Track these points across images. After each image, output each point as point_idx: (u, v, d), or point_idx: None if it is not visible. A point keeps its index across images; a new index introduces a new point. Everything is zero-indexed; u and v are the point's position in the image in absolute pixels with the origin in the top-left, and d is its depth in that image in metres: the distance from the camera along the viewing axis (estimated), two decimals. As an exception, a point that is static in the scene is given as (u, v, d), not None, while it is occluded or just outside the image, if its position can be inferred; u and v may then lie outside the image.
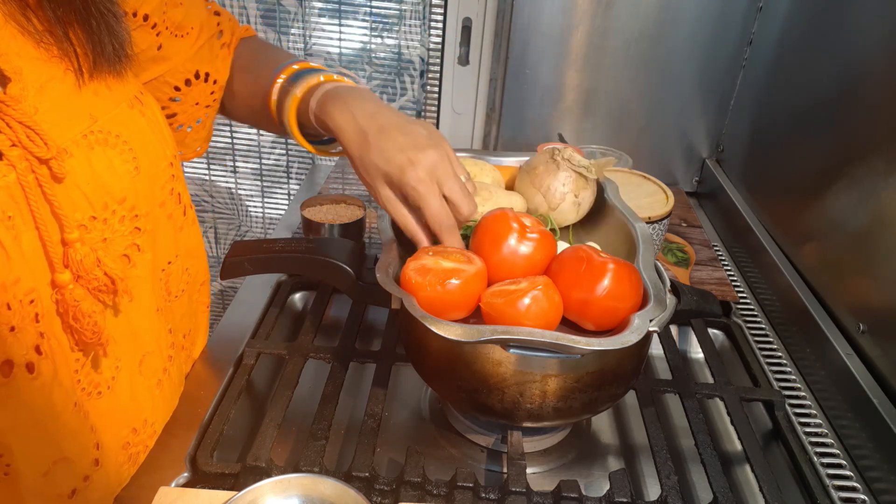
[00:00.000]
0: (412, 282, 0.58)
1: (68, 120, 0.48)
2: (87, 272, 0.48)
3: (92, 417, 0.53)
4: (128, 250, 0.53)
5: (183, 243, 0.63)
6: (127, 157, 0.52)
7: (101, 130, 0.50)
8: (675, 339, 0.87)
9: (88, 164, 0.49)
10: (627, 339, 0.54)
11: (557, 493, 0.60)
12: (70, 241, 0.47)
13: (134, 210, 0.53)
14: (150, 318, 0.58)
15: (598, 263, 0.59)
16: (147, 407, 0.60)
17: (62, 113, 0.47)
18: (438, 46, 1.41)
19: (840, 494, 0.65)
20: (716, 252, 1.06)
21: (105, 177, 0.50)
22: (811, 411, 0.76)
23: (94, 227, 0.49)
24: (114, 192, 0.51)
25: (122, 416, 0.57)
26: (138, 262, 0.55)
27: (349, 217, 0.98)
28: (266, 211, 1.67)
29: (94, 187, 0.49)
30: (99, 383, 0.53)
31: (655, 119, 1.26)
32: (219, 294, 1.80)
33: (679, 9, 1.15)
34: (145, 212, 0.55)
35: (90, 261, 0.48)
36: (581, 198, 0.73)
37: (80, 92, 0.49)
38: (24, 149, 0.43)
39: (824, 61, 0.92)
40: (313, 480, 0.54)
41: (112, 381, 0.54)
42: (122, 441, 0.57)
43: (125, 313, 0.55)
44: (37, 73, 0.46)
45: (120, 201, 0.51)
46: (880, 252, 0.74)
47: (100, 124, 0.50)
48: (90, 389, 0.52)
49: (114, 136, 0.51)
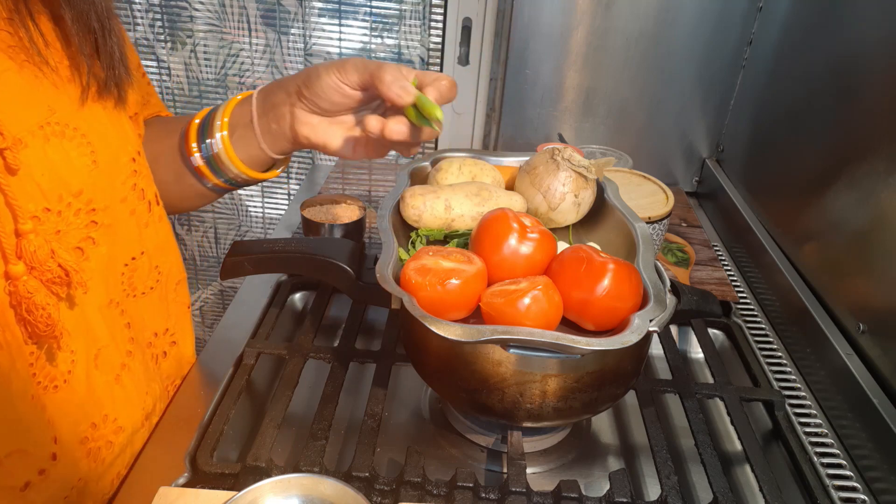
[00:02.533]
0: (412, 282, 0.58)
1: (24, 110, 0.48)
2: (41, 264, 0.47)
3: (49, 411, 0.52)
4: (82, 243, 0.53)
5: (150, 240, 0.62)
6: (84, 151, 0.52)
7: (59, 122, 0.50)
8: (675, 339, 0.87)
9: (44, 155, 0.48)
10: (627, 339, 0.54)
11: (557, 493, 0.60)
12: (24, 232, 0.46)
13: (91, 203, 0.53)
14: (104, 311, 0.58)
15: (598, 263, 0.59)
16: (106, 402, 0.59)
17: (17, 103, 0.47)
18: (438, 46, 1.41)
19: (840, 494, 0.65)
20: (716, 252, 1.06)
21: (61, 169, 0.50)
22: (811, 411, 0.76)
23: (48, 219, 0.49)
24: (69, 184, 0.50)
25: (79, 411, 0.56)
26: (92, 255, 0.54)
27: (349, 217, 0.98)
28: (266, 211, 1.67)
29: (49, 179, 0.49)
30: (55, 376, 0.52)
31: (655, 119, 1.26)
32: (219, 294, 1.81)
33: (679, 9, 1.15)
34: (103, 206, 0.54)
35: (44, 252, 0.47)
36: (581, 198, 0.73)
37: (39, 84, 0.49)
38: None
39: (824, 61, 0.92)
40: (313, 480, 0.54)
41: (68, 374, 0.54)
42: (81, 436, 0.56)
43: (80, 306, 0.54)
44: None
45: (76, 194, 0.51)
46: (880, 252, 0.74)
47: (57, 116, 0.50)
48: (46, 383, 0.52)
49: (71, 128, 0.51)
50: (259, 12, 1.41)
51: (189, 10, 1.41)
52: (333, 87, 0.61)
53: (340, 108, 0.64)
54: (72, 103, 0.52)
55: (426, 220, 0.72)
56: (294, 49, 1.44)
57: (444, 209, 0.71)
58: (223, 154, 0.66)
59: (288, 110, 0.64)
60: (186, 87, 1.51)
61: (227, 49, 1.46)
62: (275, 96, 0.65)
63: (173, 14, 1.43)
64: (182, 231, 1.71)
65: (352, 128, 0.65)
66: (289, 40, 1.44)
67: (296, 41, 1.44)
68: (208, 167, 0.67)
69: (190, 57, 1.47)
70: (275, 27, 1.42)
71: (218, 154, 0.66)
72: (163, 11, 1.43)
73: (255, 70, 1.48)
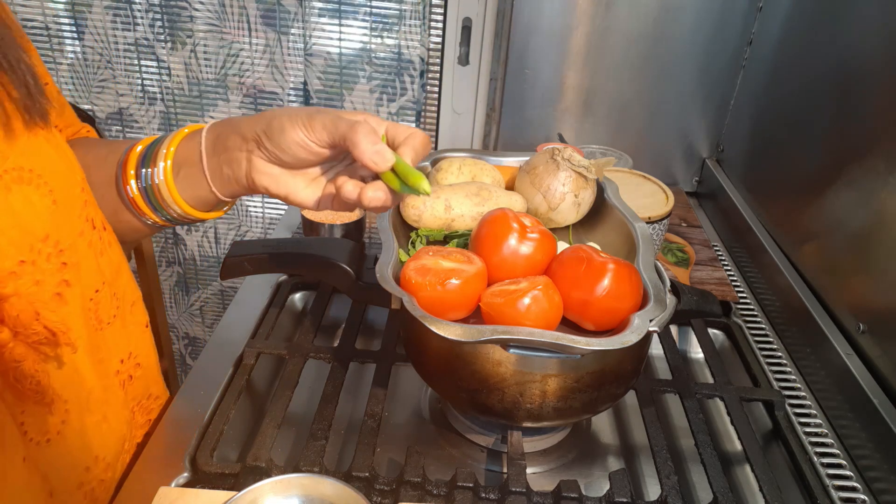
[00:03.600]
0: (412, 282, 0.58)
1: None
2: (26, 327, 0.45)
3: (42, 466, 0.50)
4: (58, 288, 0.50)
5: (106, 268, 0.58)
6: (44, 192, 0.48)
7: (15, 167, 0.46)
8: (675, 339, 0.87)
9: (8, 206, 0.45)
10: (627, 339, 0.54)
11: (557, 493, 0.60)
12: (5, 295, 0.43)
13: (58, 245, 0.50)
14: (90, 355, 0.55)
15: (598, 263, 0.59)
16: (95, 444, 0.56)
17: None
18: (438, 46, 1.41)
19: (840, 494, 0.65)
20: (716, 252, 1.06)
21: (26, 217, 0.47)
22: (811, 411, 0.76)
23: (25, 272, 0.46)
24: (36, 231, 0.47)
25: (73, 459, 0.54)
26: (69, 297, 0.51)
27: (349, 217, 0.98)
28: (266, 211, 1.67)
29: (19, 230, 0.46)
30: (47, 430, 0.50)
31: (655, 119, 1.26)
32: (219, 294, 1.81)
33: (679, 9, 1.15)
34: (68, 244, 0.51)
35: (28, 315, 0.45)
36: (581, 198, 0.73)
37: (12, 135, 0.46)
38: None
39: (824, 61, 0.92)
40: (313, 480, 0.54)
41: (62, 424, 0.51)
42: (76, 482, 0.55)
43: (69, 363, 0.52)
44: None
45: (43, 239, 0.48)
46: (880, 252, 0.74)
47: (11, 161, 0.46)
48: (38, 438, 0.50)
49: (27, 170, 0.47)
50: (259, 12, 1.41)
51: (189, 10, 1.41)
52: (299, 143, 0.53)
53: (305, 164, 0.56)
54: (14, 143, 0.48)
55: (426, 220, 0.72)
56: (294, 49, 1.44)
57: (444, 209, 0.71)
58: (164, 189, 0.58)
59: (244, 157, 0.56)
60: (186, 87, 1.51)
61: (227, 49, 1.46)
62: (228, 139, 0.56)
63: (173, 14, 1.43)
64: (182, 231, 1.71)
65: (317, 179, 0.57)
66: (289, 40, 1.44)
67: (296, 41, 1.44)
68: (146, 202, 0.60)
69: (190, 57, 1.47)
70: (275, 27, 1.42)
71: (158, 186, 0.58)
72: (163, 11, 1.43)
73: (255, 70, 1.48)
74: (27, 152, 0.48)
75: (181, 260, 1.76)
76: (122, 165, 0.59)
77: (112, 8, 1.42)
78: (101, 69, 1.49)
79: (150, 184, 0.58)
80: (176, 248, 1.74)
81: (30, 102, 0.48)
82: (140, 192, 0.59)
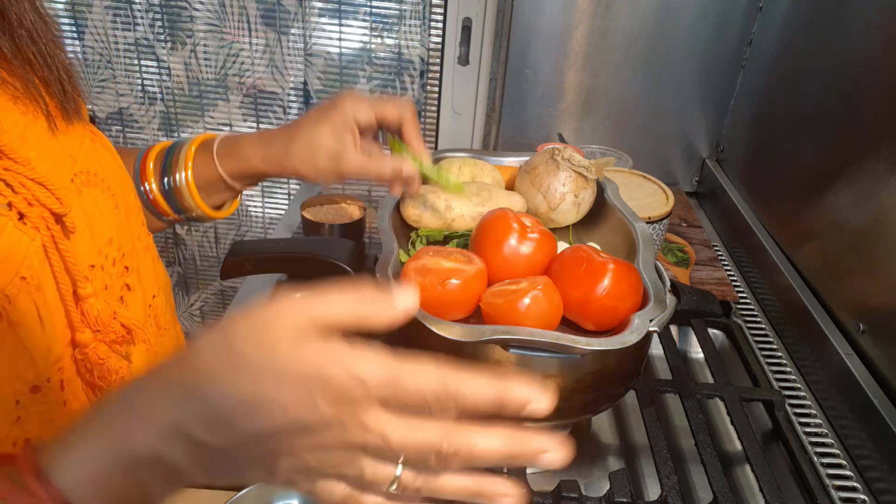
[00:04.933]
0: (412, 282, 0.58)
1: (55, 166, 0.44)
2: (105, 326, 0.45)
3: None
4: (121, 292, 0.50)
5: (162, 274, 0.58)
6: (107, 196, 0.49)
7: (83, 171, 0.47)
8: (675, 339, 0.87)
9: (81, 209, 0.45)
10: (627, 339, 0.54)
11: (557, 493, 0.60)
12: (84, 295, 0.43)
13: (121, 249, 0.50)
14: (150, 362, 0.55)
15: (597, 263, 0.59)
16: None
17: (48, 160, 0.44)
18: (438, 46, 1.41)
19: (840, 494, 0.65)
20: (716, 252, 1.06)
21: (95, 220, 0.47)
22: (811, 411, 0.76)
23: (95, 276, 0.45)
24: (103, 234, 0.48)
25: None
26: (130, 301, 0.51)
27: (349, 217, 0.98)
28: (266, 211, 1.67)
29: (90, 234, 0.46)
30: None
31: (655, 119, 1.26)
32: (219, 294, 1.80)
33: (679, 9, 1.15)
34: (129, 249, 0.51)
35: (107, 314, 0.45)
36: (581, 198, 0.73)
37: (55, 134, 0.46)
38: (42, 206, 0.40)
39: (824, 61, 0.92)
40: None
41: None
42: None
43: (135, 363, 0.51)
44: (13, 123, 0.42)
45: (108, 243, 0.48)
46: (880, 252, 0.74)
47: (79, 164, 0.47)
48: None
49: (93, 174, 0.48)
50: (259, 12, 1.41)
51: (189, 10, 1.41)
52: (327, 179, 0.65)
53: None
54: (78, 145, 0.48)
55: (426, 220, 0.72)
56: (294, 49, 1.44)
57: (444, 209, 0.71)
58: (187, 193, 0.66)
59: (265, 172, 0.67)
60: (186, 87, 1.51)
61: (227, 49, 1.46)
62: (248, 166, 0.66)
63: (173, 14, 1.43)
64: (182, 231, 1.71)
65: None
66: (289, 40, 1.44)
67: (296, 41, 1.44)
68: (167, 203, 0.66)
69: (190, 57, 1.47)
70: (275, 27, 1.42)
71: (180, 190, 0.66)
72: (163, 11, 1.43)
73: (255, 70, 1.48)
74: (91, 157, 0.48)
75: (181, 260, 1.76)
76: (140, 167, 0.65)
77: (112, 8, 1.42)
78: (101, 69, 1.49)
79: (171, 188, 0.65)
80: (176, 248, 1.74)
81: (65, 100, 0.47)
82: (161, 195, 0.66)
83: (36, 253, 0.40)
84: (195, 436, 0.30)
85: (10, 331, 0.39)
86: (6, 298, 0.38)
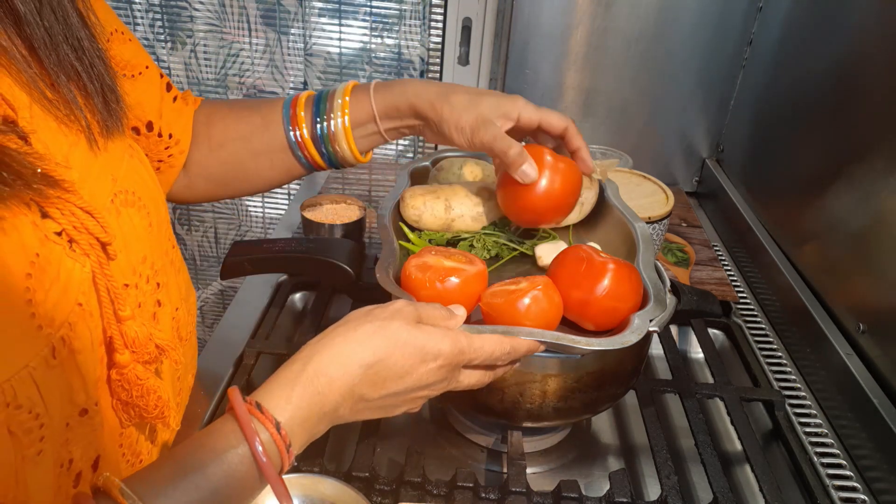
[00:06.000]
0: (412, 277, 0.58)
1: (97, 188, 0.45)
2: (141, 347, 0.45)
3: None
4: (153, 308, 0.50)
5: (183, 285, 0.59)
6: (143, 214, 0.49)
7: (122, 191, 0.47)
8: (675, 339, 0.87)
9: (119, 230, 0.46)
10: (627, 339, 0.54)
11: (557, 493, 0.60)
12: (124, 318, 0.44)
13: (153, 267, 0.50)
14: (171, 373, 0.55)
15: (598, 263, 0.59)
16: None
17: (90, 181, 0.44)
18: (438, 46, 1.41)
19: (840, 494, 0.65)
20: (716, 252, 1.06)
21: (131, 240, 0.47)
22: (811, 411, 0.76)
23: (129, 295, 0.46)
24: (138, 253, 0.48)
25: None
26: (161, 317, 0.52)
27: (349, 217, 0.98)
28: (266, 211, 1.67)
29: (126, 254, 0.46)
30: (139, 451, 0.51)
31: (655, 119, 1.26)
32: (219, 294, 1.81)
33: (679, 9, 1.15)
34: (160, 266, 0.52)
35: (144, 335, 0.45)
36: (584, 198, 0.73)
37: (96, 154, 0.46)
38: (89, 234, 0.41)
39: (824, 61, 0.92)
40: (313, 480, 0.54)
41: (152, 445, 0.52)
42: None
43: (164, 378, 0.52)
44: (58, 145, 0.42)
45: (142, 261, 0.48)
46: (880, 252, 0.74)
47: (119, 184, 0.47)
48: (133, 460, 0.50)
49: (131, 193, 0.48)
50: (259, 12, 1.41)
51: (189, 10, 1.41)
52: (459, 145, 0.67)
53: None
54: (118, 164, 0.48)
55: (426, 221, 0.72)
56: (294, 49, 1.45)
57: (443, 209, 0.71)
58: (342, 137, 0.68)
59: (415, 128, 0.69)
60: (186, 87, 1.51)
61: (227, 49, 1.46)
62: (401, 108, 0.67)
63: (173, 14, 1.43)
64: (182, 231, 1.71)
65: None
66: (289, 40, 1.44)
67: (296, 41, 1.44)
68: (315, 147, 0.69)
69: (190, 57, 1.47)
70: (275, 27, 1.42)
71: (335, 134, 0.68)
72: (163, 11, 1.43)
73: (255, 70, 1.48)
74: (129, 176, 0.49)
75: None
76: (290, 114, 0.68)
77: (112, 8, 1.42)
78: (101, 69, 1.49)
79: (325, 133, 0.68)
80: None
81: (108, 116, 0.47)
82: (311, 138, 0.68)
83: (87, 279, 0.41)
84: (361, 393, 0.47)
85: (71, 358, 0.40)
86: (69, 326, 0.39)
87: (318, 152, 0.69)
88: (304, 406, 0.44)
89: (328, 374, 0.45)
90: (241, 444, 0.41)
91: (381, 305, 0.50)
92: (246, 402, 0.43)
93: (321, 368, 0.45)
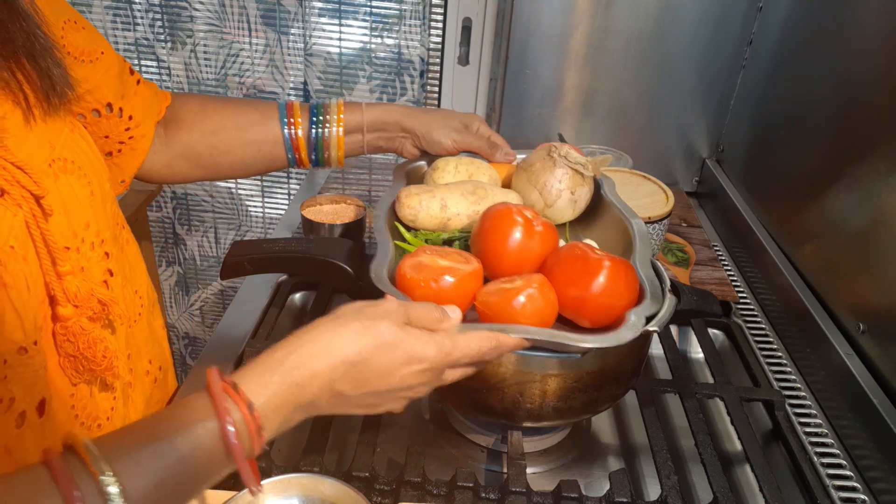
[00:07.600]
0: (407, 277, 0.58)
1: (33, 152, 0.47)
2: (84, 302, 0.47)
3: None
4: (104, 277, 0.52)
5: (127, 264, 0.60)
6: (83, 182, 0.51)
7: (60, 158, 0.49)
8: (675, 339, 0.87)
9: (58, 193, 0.48)
10: (623, 335, 0.54)
11: (557, 493, 0.60)
12: (63, 273, 0.46)
13: (100, 235, 0.52)
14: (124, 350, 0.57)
15: (593, 260, 0.59)
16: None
17: (26, 146, 0.46)
18: (438, 46, 1.41)
19: (840, 494, 0.65)
20: (716, 252, 1.06)
21: (71, 205, 0.49)
22: (811, 411, 0.76)
23: (69, 258, 0.48)
24: (80, 219, 0.50)
25: None
26: (114, 286, 0.54)
27: (349, 217, 0.98)
28: (266, 211, 1.67)
29: (65, 217, 0.48)
30: (98, 415, 0.52)
31: (655, 119, 1.26)
32: (219, 294, 1.81)
33: (679, 9, 1.15)
34: (108, 236, 0.54)
35: (85, 291, 0.48)
36: (577, 195, 0.73)
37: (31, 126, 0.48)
38: (21, 187, 0.43)
39: (824, 61, 0.92)
40: (313, 480, 0.54)
41: (111, 411, 0.53)
42: None
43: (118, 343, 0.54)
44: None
45: (86, 227, 0.51)
46: (880, 252, 0.74)
47: (57, 151, 0.49)
48: (89, 423, 0.51)
49: (70, 161, 0.50)
50: (259, 12, 1.41)
51: (189, 10, 1.42)
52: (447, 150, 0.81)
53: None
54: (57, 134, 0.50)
55: (422, 220, 0.72)
56: (294, 49, 1.45)
57: (439, 208, 0.71)
58: (334, 143, 0.78)
59: (400, 142, 0.82)
60: (186, 87, 1.51)
61: (227, 49, 1.46)
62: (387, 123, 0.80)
63: (173, 14, 1.43)
64: (182, 231, 1.71)
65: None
66: (289, 40, 1.44)
67: (296, 41, 1.44)
68: (307, 146, 0.78)
69: (190, 57, 1.47)
70: (275, 27, 1.42)
71: (329, 140, 0.78)
72: (163, 11, 1.43)
73: (255, 70, 1.48)
74: (69, 146, 0.51)
75: (181, 260, 1.76)
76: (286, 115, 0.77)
77: (112, 8, 1.42)
78: (102, 69, 1.49)
79: (320, 137, 0.78)
80: (176, 248, 1.74)
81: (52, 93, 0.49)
82: (305, 140, 0.77)
83: (20, 226, 0.44)
84: (341, 390, 0.47)
85: (3, 291, 0.42)
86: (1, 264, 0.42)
87: (307, 152, 0.78)
88: (280, 394, 0.44)
89: (310, 367, 0.45)
90: (212, 419, 0.41)
91: (373, 303, 0.50)
92: (223, 381, 0.43)
93: (304, 361, 0.45)
